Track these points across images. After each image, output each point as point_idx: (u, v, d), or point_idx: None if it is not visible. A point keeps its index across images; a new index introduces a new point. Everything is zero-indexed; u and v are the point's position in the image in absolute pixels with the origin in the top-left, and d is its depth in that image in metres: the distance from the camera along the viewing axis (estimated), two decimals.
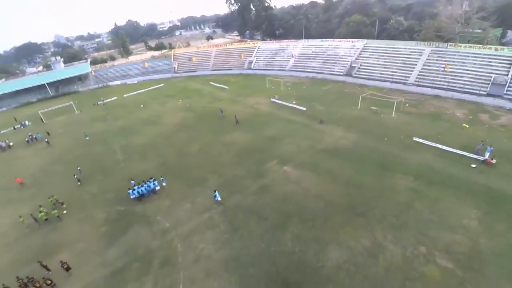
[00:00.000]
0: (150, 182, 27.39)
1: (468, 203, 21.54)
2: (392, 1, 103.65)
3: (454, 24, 55.72)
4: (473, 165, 26.15)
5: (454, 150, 28.35)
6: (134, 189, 26.51)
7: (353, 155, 29.97)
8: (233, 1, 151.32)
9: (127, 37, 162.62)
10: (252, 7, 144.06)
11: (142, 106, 57.52)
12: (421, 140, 30.85)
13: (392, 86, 50.24)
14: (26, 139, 45.37)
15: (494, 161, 25.91)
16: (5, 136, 50.13)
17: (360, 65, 57.17)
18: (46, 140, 44.13)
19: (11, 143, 45.69)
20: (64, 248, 21.97)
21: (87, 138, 43.63)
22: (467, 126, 34.19)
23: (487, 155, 26.41)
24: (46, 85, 78.46)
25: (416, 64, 50.53)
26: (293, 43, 75.83)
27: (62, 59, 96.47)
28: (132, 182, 28.00)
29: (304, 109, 43.87)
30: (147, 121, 47.94)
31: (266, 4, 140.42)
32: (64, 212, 26.30)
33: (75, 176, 31.37)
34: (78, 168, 33.08)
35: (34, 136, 46.27)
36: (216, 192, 24.44)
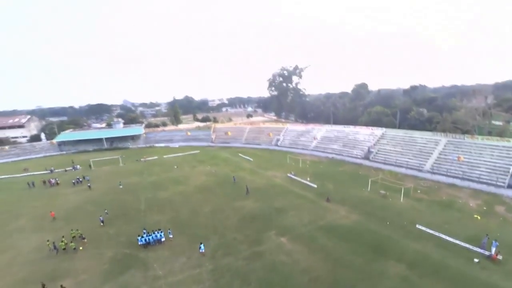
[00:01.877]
0: (157, 233, 30.62)
1: None
2: (418, 93, 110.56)
3: (474, 116, 57.84)
4: (476, 260, 25.10)
5: (458, 242, 27.61)
6: (142, 237, 29.85)
7: (350, 234, 30.45)
8: (273, 88, 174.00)
9: (180, 109, 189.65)
10: (288, 93, 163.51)
11: (175, 167, 64.69)
12: (424, 228, 30.53)
13: (407, 171, 51.17)
14: (73, 181, 53.57)
15: (500, 257, 24.64)
16: (57, 175, 59.78)
17: (378, 151, 59.86)
18: (88, 184, 51.51)
19: (59, 181, 54.41)
20: (68, 276, 24.96)
21: (121, 186, 50.27)
22: (479, 217, 33.15)
23: (493, 250, 25.29)
24: (104, 139, 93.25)
25: (432, 153, 51.89)
26: (318, 127, 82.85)
27: (123, 120, 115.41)
28: (144, 231, 31.38)
29: (315, 186, 46.13)
30: (175, 180, 53.61)
31: (301, 93, 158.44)
32: (85, 245, 30.20)
33: (100, 217, 36.02)
34: (106, 211, 38.21)
35: (82, 178, 54.89)
36: (202, 244, 27.42)
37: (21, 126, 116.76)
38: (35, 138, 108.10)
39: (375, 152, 59.72)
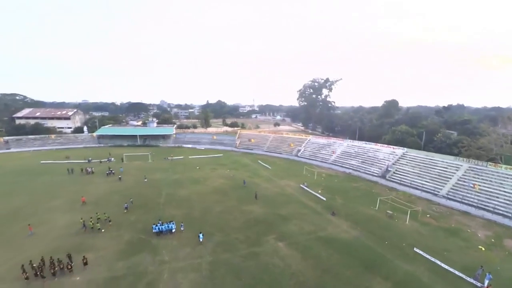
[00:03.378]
0: (169, 224, 34.45)
1: None
2: (453, 113, 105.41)
3: (500, 143, 54.94)
4: None
5: (453, 270, 27.46)
6: (157, 225, 33.84)
7: (345, 248, 31.59)
8: (302, 99, 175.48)
9: (212, 112, 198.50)
10: (317, 105, 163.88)
11: (197, 168, 69.31)
12: (421, 252, 30.61)
13: (422, 194, 50.22)
14: (107, 172, 60.18)
15: None
16: (93, 164, 67.78)
17: (396, 170, 59.11)
18: (119, 176, 57.64)
19: (94, 170, 62.12)
20: (91, 250, 29.49)
21: (146, 180, 55.77)
22: (483, 248, 32.30)
23: (486, 282, 25.16)
24: (138, 136, 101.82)
25: (450, 178, 50.38)
26: (339, 141, 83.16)
27: (157, 120, 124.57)
28: (160, 221, 35.33)
29: (324, 199, 47.34)
30: (195, 180, 57.84)
31: (330, 105, 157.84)
32: (109, 227, 35.07)
33: (125, 204, 41.09)
34: (131, 199, 43.28)
35: (116, 169, 61.62)
36: (201, 234, 32.00)
37: (67, 118, 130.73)
38: (78, 130, 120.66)
39: (393, 171, 59.05)
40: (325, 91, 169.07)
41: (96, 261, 27.66)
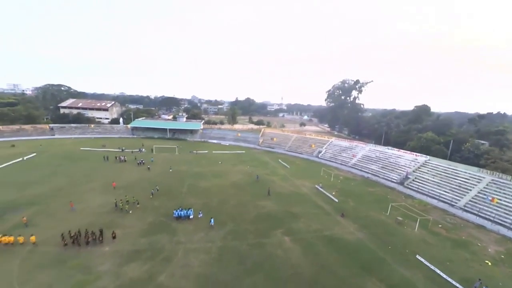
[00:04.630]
0: (188, 211, 38.32)
1: None
2: (488, 121, 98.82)
3: None
4: None
5: (451, 280, 27.83)
6: (177, 211, 37.88)
7: (347, 249, 33.02)
8: (330, 100, 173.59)
9: (240, 109, 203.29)
10: (345, 107, 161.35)
11: (220, 162, 73.38)
12: (423, 260, 31.06)
13: (438, 204, 49.38)
14: (138, 162, 66.13)
15: None
16: (126, 154, 74.63)
17: (415, 178, 58.14)
18: (149, 166, 63.24)
19: (126, 159, 68.57)
20: (119, 227, 34.13)
21: (171, 170, 60.86)
22: (489, 263, 31.87)
23: None
24: (167, 130, 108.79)
25: (471, 190, 48.80)
26: (361, 145, 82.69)
27: (186, 115, 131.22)
28: (180, 208, 39.29)
29: (337, 201, 48.57)
30: (215, 174, 61.70)
31: (358, 107, 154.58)
32: (136, 209, 39.85)
33: (152, 191, 45.99)
34: (157, 187, 48.15)
35: (143, 161, 67.23)
36: (212, 219, 36.61)
37: (105, 110, 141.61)
38: (114, 121, 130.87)
39: (412, 178, 58.15)
40: (354, 93, 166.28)
41: (123, 236, 32.18)
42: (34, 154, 69.82)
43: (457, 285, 27.25)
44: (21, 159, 64.31)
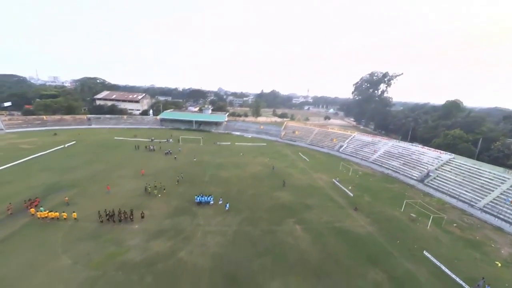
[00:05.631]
0: (208, 197, 41.82)
1: None
2: None
3: None
4: None
5: (455, 277, 28.25)
6: (198, 197, 41.53)
7: (355, 241, 34.41)
8: (357, 93, 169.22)
9: (265, 102, 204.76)
10: (372, 101, 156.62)
11: (241, 154, 76.52)
12: (430, 256, 31.57)
13: (457, 204, 48.42)
14: (165, 152, 71.19)
15: None
16: (155, 143, 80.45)
17: (437, 176, 56.83)
18: (175, 156, 67.95)
19: (155, 149, 74.23)
20: (147, 208, 38.38)
21: (195, 160, 65.15)
22: (499, 264, 31.61)
23: None
24: (194, 121, 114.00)
25: (493, 191, 47.10)
26: (384, 140, 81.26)
27: (211, 107, 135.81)
28: (201, 194, 42.88)
29: (352, 195, 49.51)
30: (236, 165, 64.89)
31: (386, 101, 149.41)
32: (163, 194, 44.08)
33: (177, 178, 50.32)
34: (182, 175, 52.45)
35: (171, 151, 72.16)
36: (227, 204, 40.27)
37: (136, 102, 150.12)
38: (145, 113, 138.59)
39: (433, 176, 56.90)
40: (382, 86, 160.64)
41: (150, 216, 36.39)
42: (74, 142, 77.59)
43: (461, 282, 27.42)
44: (62, 146, 71.99)
